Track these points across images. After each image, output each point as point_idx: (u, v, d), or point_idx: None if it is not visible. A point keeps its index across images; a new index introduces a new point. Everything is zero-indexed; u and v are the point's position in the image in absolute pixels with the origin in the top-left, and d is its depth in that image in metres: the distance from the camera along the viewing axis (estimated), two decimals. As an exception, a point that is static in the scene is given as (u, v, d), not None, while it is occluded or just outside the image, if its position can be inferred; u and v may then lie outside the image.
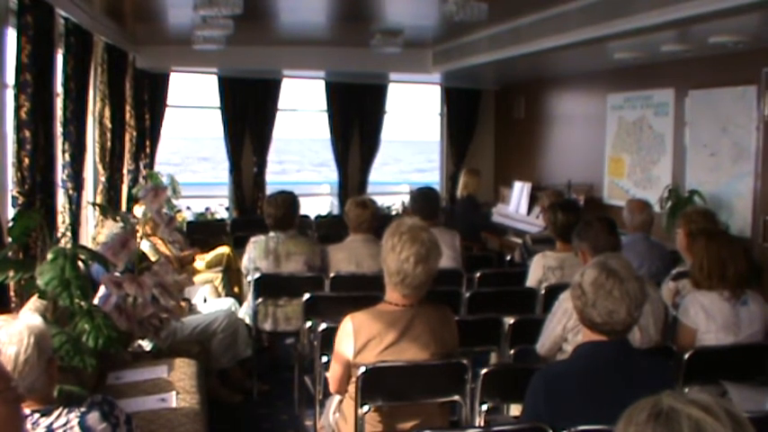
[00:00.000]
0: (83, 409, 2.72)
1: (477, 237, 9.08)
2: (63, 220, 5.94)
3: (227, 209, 11.09)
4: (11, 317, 2.76)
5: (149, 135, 9.68)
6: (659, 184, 8.08)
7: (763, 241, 6.83)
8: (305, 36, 8.87)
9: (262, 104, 10.77)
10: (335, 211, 11.52)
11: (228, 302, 6.63)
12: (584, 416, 2.82)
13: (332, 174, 12.12)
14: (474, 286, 5.83)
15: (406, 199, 10.43)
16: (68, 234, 5.88)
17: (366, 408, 3.56)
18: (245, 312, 6.31)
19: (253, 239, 6.18)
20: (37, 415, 2.67)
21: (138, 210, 6.99)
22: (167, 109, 10.43)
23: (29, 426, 2.63)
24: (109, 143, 7.54)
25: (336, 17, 7.99)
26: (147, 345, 5.43)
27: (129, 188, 8.66)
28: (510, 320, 4.70)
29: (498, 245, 9.33)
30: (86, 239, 6.97)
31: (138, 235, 5.17)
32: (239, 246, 7.47)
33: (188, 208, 10.69)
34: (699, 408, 1.62)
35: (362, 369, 3.48)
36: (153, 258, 6.22)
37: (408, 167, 53.25)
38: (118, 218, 5.53)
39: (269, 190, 10.38)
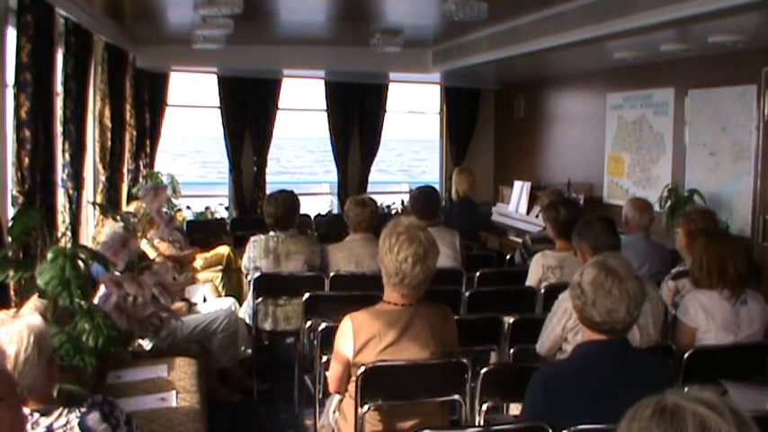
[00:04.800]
0: (83, 410, 2.73)
1: (477, 236, 9.06)
2: (63, 219, 5.93)
3: (227, 208, 11.09)
4: (10, 313, 2.76)
5: (149, 134, 9.67)
6: (659, 183, 8.09)
7: (762, 240, 6.84)
8: (305, 35, 8.87)
9: (262, 104, 10.78)
10: (335, 211, 11.52)
11: (228, 302, 6.63)
12: (583, 415, 2.83)
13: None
14: (474, 285, 5.83)
15: (406, 198, 10.42)
16: (68, 233, 5.88)
17: (366, 407, 3.56)
18: (244, 312, 6.31)
19: (253, 239, 6.18)
20: (37, 414, 2.67)
21: (132, 207, 6.98)
22: (167, 108, 10.43)
23: (28, 426, 2.63)
24: (109, 142, 7.54)
25: (336, 16, 7.98)
26: (147, 344, 5.44)
27: (129, 187, 8.66)
28: (510, 320, 4.71)
29: (498, 244, 9.33)
30: (86, 239, 6.96)
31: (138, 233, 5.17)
32: (239, 245, 7.48)
33: (188, 207, 10.68)
34: (704, 405, 1.62)
35: (362, 368, 3.48)
36: (151, 256, 6.23)
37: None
38: (118, 217, 5.53)
39: (269, 189, 10.39)
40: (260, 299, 5.93)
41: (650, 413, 1.66)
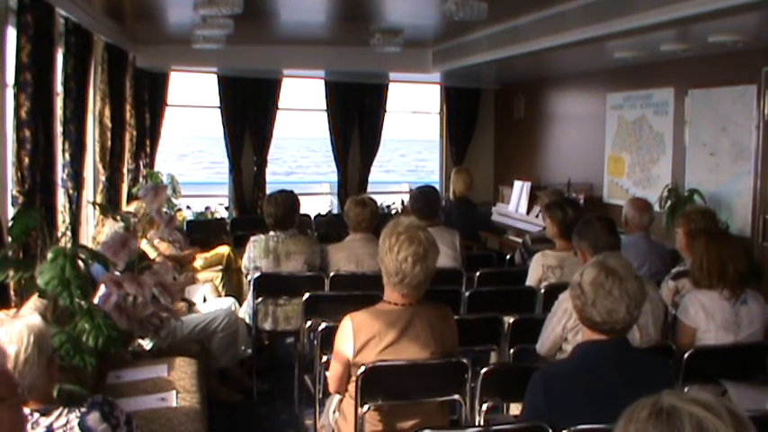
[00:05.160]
0: (83, 410, 2.73)
1: (477, 236, 9.06)
2: (63, 219, 5.93)
3: (227, 208, 11.10)
4: (10, 313, 2.77)
5: (149, 134, 9.68)
6: (659, 183, 8.09)
7: (762, 240, 6.84)
8: (305, 35, 8.88)
9: (262, 104, 10.79)
10: (335, 211, 11.52)
11: (228, 302, 6.63)
12: (583, 415, 2.83)
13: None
14: (474, 285, 5.83)
15: (406, 198, 10.42)
16: (68, 233, 5.88)
17: (366, 407, 3.56)
18: (244, 312, 6.31)
19: (253, 239, 6.18)
20: (37, 414, 2.67)
21: (132, 207, 6.98)
22: (167, 108, 10.44)
23: (28, 426, 2.63)
24: (109, 142, 7.54)
25: (336, 16, 7.99)
26: (147, 344, 5.43)
27: (129, 187, 8.66)
28: (510, 320, 4.71)
29: (498, 244, 9.33)
30: (86, 239, 6.96)
31: (138, 233, 5.18)
32: (239, 245, 7.48)
33: (188, 207, 10.69)
34: (700, 406, 1.62)
35: (362, 368, 3.48)
36: (151, 256, 6.23)
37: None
38: (118, 217, 5.52)
39: (269, 189, 10.39)
40: (260, 299, 5.93)
41: (647, 414, 1.66)
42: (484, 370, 3.73)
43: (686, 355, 4.06)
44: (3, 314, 2.83)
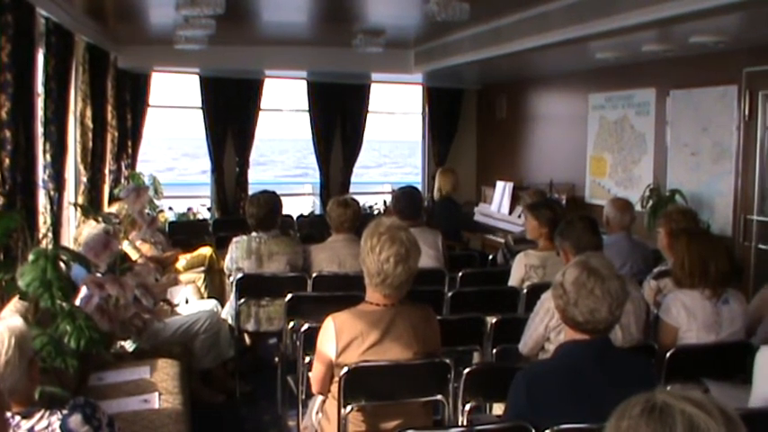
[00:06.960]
0: (65, 412, 2.71)
1: (459, 236, 9.06)
2: (44, 220, 5.89)
3: (210, 209, 11.06)
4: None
5: (131, 135, 9.64)
6: (641, 183, 8.12)
7: (743, 240, 6.88)
8: (287, 36, 8.87)
9: (244, 104, 10.77)
10: (318, 211, 11.51)
11: (211, 303, 6.60)
12: (566, 414, 2.83)
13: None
14: (456, 286, 5.83)
15: (389, 198, 10.42)
16: (49, 235, 5.85)
17: (349, 408, 3.55)
18: (227, 313, 6.29)
19: (235, 240, 6.17)
20: (18, 417, 2.65)
21: (114, 208, 6.94)
22: (149, 109, 10.40)
23: (9, 429, 2.61)
24: (90, 143, 7.50)
25: (318, 17, 7.98)
26: (129, 346, 5.41)
27: (111, 188, 8.61)
28: (492, 320, 4.71)
29: (481, 244, 9.34)
30: (68, 240, 6.92)
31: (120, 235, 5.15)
32: (221, 246, 7.44)
33: (170, 208, 10.65)
34: (692, 404, 1.63)
35: (345, 369, 3.48)
36: (133, 257, 6.19)
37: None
38: (99, 218, 5.50)
39: (251, 190, 10.37)
40: (242, 300, 5.92)
41: (639, 411, 1.67)
42: (467, 370, 3.73)
43: (668, 355, 4.07)
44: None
